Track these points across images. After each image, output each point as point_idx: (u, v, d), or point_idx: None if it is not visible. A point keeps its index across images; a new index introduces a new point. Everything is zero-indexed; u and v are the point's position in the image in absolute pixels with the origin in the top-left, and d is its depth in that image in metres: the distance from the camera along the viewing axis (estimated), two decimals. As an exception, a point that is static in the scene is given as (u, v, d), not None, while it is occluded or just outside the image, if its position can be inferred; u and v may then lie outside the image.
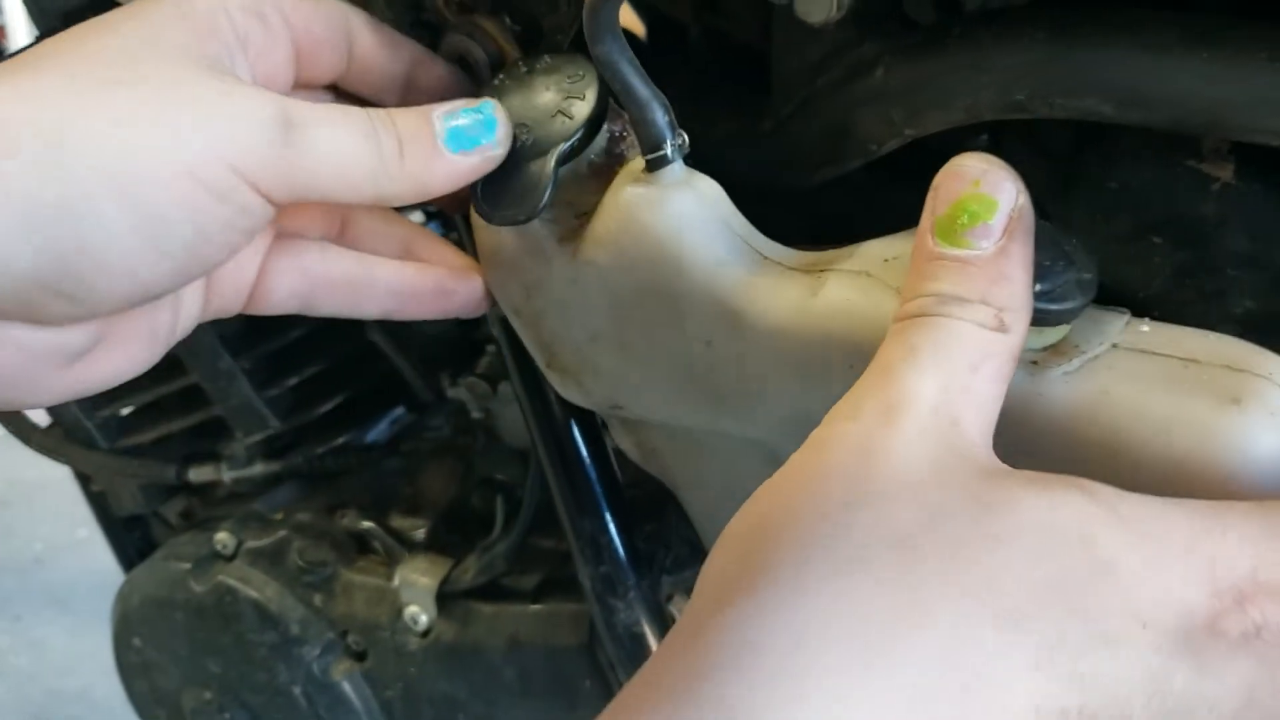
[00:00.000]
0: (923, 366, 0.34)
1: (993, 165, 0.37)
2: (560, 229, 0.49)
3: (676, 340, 0.48)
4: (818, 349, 0.44)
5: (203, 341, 0.80)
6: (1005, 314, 0.35)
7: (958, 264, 0.35)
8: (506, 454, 0.84)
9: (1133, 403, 0.37)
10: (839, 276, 0.44)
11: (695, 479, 0.58)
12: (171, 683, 0.91)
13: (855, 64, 0.48)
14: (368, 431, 0.91)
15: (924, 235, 0.37)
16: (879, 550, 0.30)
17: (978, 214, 0.36)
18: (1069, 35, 0.42)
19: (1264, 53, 0.39)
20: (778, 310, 0.45)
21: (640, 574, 0.70)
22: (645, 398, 0.52)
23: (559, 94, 0.48)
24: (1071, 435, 0.38)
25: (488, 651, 0.78)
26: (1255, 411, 0.35)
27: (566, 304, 0.51)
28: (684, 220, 0.45)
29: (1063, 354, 0.39)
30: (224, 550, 0.86)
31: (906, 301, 0.36)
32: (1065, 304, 0.38)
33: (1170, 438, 0.36)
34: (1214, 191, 0.44)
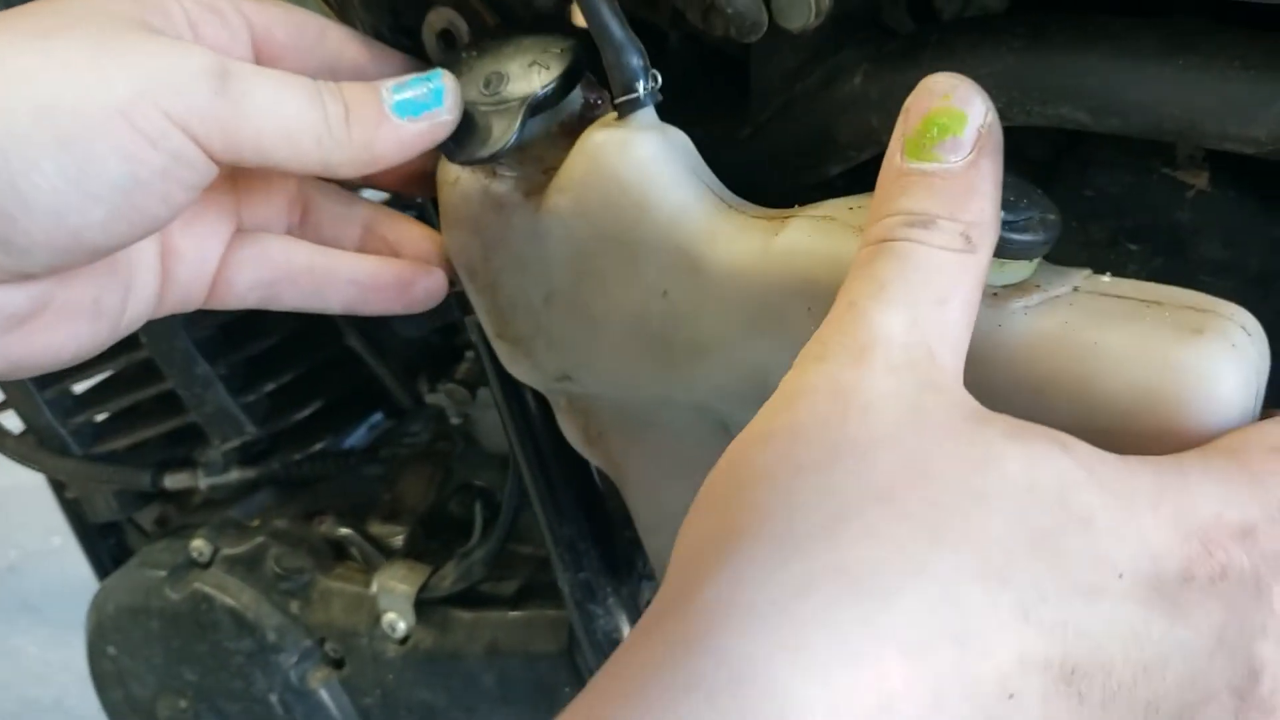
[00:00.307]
0: (890, 301, 0.33)
1: (962, 81, 0.36)
2: (526, 184, 0.49)
3: (633, 293, 0.48)
4: (775, 292, 0.43)
5: (178, 347, 0.79)
6: (973, 230, 0.34)
7: (925, 179, 0.35)
8: (485, 460, 0.84)
9: (1094, 334, 0.36)
10: (801, 220, 0.43)
11: (642, 465, 0.57)
12: (147, 691, 0.90)
13: (833, 71, 0.48)
14: (345, 437, 0.90)
15: (891, 155, 0.36)
16: (866, 504, 0.30)
17: (947, 127, 0.35)
18: (1045, 43, 0.42)
19: (1238, 60, 0.39)
20: (737, 254, 0.44)
21: (619, 580, 0.70)
22: (597, 364, 0.52)
23: (539, 50, 0.49)
24: (1031, 367, 0.37)
25: (466, 658, 0.78)
26: (1216, 342, 0.35)
27: (524, 261, 0.51)
28: (650, 163, 0.45)
29: (1024, 292, 0.38)
30: (200, 557, 0.86)
31: (873, 224, 0.36)
32: (1030, 236, 0.37)
33: (1131, 368, 0.35)
34: (1189, 199, 0.45)
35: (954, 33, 0.45)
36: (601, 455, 0.59)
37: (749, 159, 0.53)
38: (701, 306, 0.46)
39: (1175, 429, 0.34)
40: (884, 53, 0.47)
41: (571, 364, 0.53)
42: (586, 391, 0.55)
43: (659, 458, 0.56)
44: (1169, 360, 0.35)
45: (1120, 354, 0.36)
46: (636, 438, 0.56)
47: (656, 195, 0.46)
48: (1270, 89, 0.38)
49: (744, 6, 0.44)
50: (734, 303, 0.45)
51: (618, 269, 0.48)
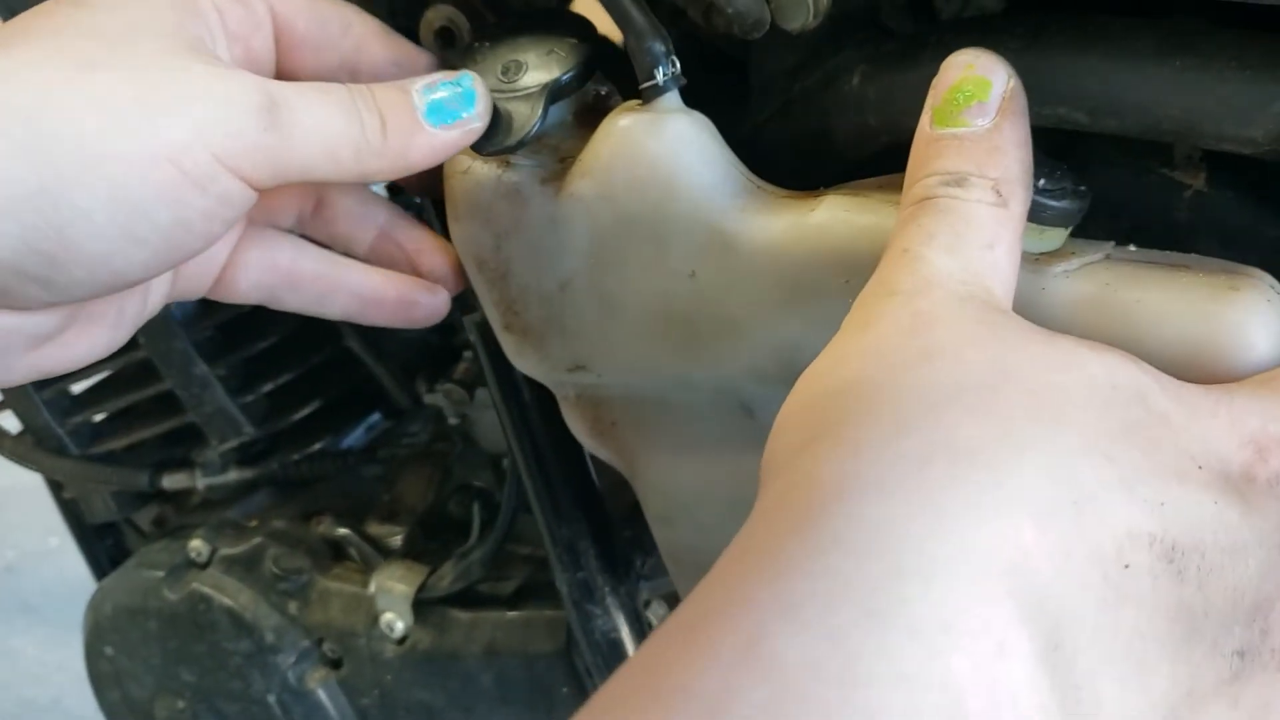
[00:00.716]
0: (942, 247, 0.35)
1: (984, 52, 0.39)
2: (542, 172, 0.50)
3: (657, 275, 0.48)
4: (812, 265, 0.44)
5: (176, 347, 0.79)
6: (1002, 185, 0.36)
7: (955, 141, 0.37)
8: (483, 460, 0.84)
9: (1135, 294, 0.38)
10: (835, 197, 0.44)
11: (655, 449, 0.57)
12: (144, 692, 0.90)
13: (832, 71, 0.48)
14: (344, 438, 0.90)
15: (922, 126, 0.38)
16: (965, 393, 0.31)
17: (972, 94, 0.38)
18: (1043, 44, 0.42)
19: (1236, 61, 0.39)
20: (771, 230, 0.45)
21: (618, 580, 0.70)
22: (614, 350, 0.52)
23: (554, 34, 0.49)
24: (1076, 326, 0.39)
25: (465, 658, 0.78)
26: (1252, 296, 0.37)
27: (540, 249, 0.51)
28: (680, 143, 0.46)
29: (1061, 257, 0.40)
30: (198, 558, 0.86)
31: (909, 188, 0.38)
32: (1065, 203, 0.39)
33: (1172, 322, 0.37)
34: (1186, 199, 0.45)
35: (953, 33, 0.45)
36: (612, 446, 0.59)
37: (747, 159, 0.53)
38: (731, 285, 0.47)
39: (1216, 377, 0.36)
40: (883, 53, 0.47)
41: (587, 352, 0.53)
42: (600, 380, 0.54)
43: (675, 443, 0.56)
44: (1210, 313, 0.37)
45: (1162, 310, 0.38)
46: (651, 425, 0.56)
47: (686, 175, 0.46)
48: (1268, 89, 0.39)
49: (745, 5, 0.45)
50: (767, 279, 0.46)
51: (642, 252, 0.48)
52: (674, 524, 0.61)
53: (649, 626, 0.73)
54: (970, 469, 0.29)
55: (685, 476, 0.57)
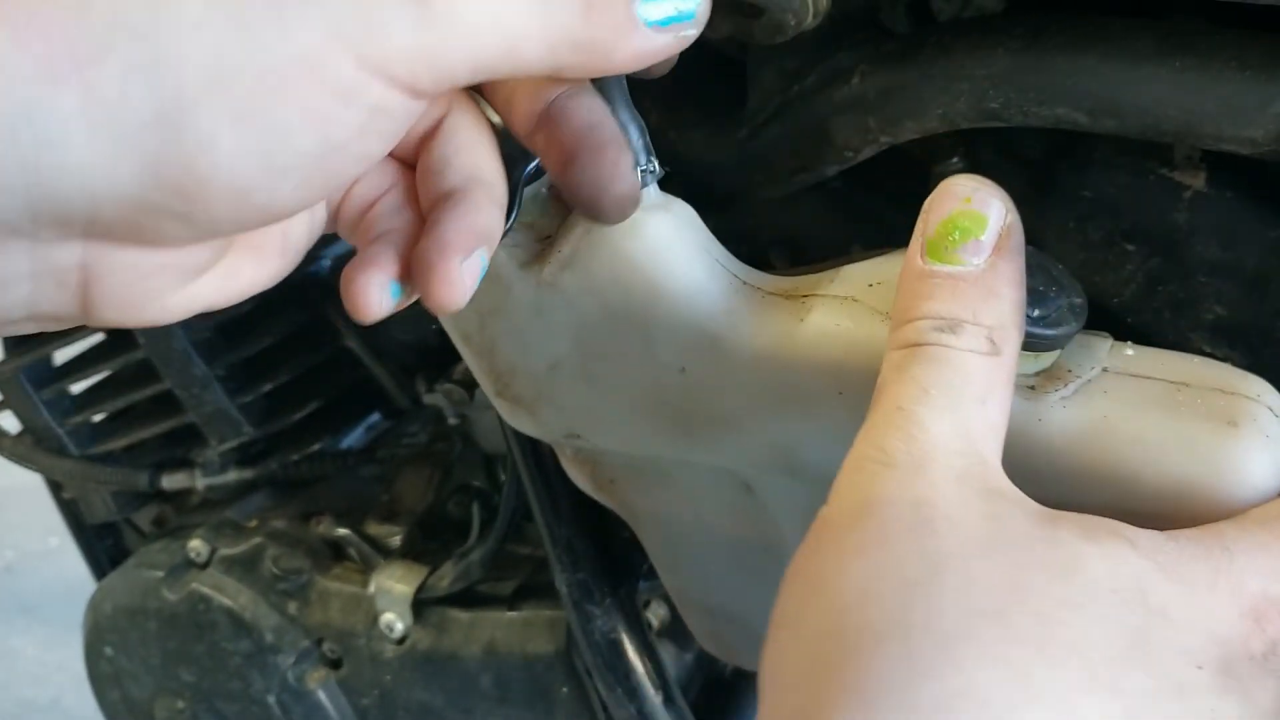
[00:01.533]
0: (937, 406, 0.34)
1: (983, 184, 0.37)
2: (522, 253, 0.47)
3: (647, 368, 0.47)
4: (805, 376, 0.43)
5: (176, 348, 0.79)
6: (995, 333, 0.35)
7: (949, 281, 0.36)
8: (483, 460, 0.84)
9: (1132, 428, 0.38)
10: (825, 302, 0.43)
11: (656, 510, 0.57)
12: (144, 692, 0.90)
13: (831, 72, 0.48)
14: (343, 438, 0.90)
15: (913, 256, 0.37)
16: (976, 624, 0.31)
17: (969, 230, 0.36)
18: (1042, 44, 0.42)
19: (1235, 62, 0.39)
20: (761, 337, 0.44)
21: (617, 580, 0.70)
22: (608, 428, 0.51)
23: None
24: (1073, 460, 0.38)
25: (464, 659, 0.78)
26: (1251, 434, 0.37)
27: (525, 332, 0.49)
28: (660, 244, 0.44)
29: (1057, 379, 0.40)
30: (197, 558, 0.86)
31: (900, 325, 0.36)
32: (1060, 329, 0.38)
33: (1170, 461, 0.37)
34: (1186, 199, 0.45)
35: (952, 34, 0.45)
36: (613, 500, 0.58)
37: (747, 159, 0.53)
38: (722, 384, 0.45)
39: (1212, 513, 0.36)
40: (881, 54, 0.47)
41: (579, 426, 0.52)
42: (595, 448, 0.54)
43: (674, 504, 0.56)
44: (1208, 454, 0.37)
45: (1159, 447, 0.37)
46: (650, 489, 0.56)
47: (669, 277, 0.44)
48: (1267, 90, 0.38)
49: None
50: (759, 384, 0.45)
51: (629, 344, 0.46)
52: (677, 571, 0.61)
53: (648, 626, 0.72)
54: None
55: (685, 533, 0.57)
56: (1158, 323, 0.47)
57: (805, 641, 0.33)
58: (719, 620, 0.62)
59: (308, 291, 0.86)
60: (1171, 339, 0.48)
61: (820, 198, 0.57)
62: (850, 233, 0.58)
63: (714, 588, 0.60)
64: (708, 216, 0.61)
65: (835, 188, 0.57)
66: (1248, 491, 0.36)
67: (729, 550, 0.56)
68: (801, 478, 0.47)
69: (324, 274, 0.87)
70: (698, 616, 0.63)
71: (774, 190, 0.53)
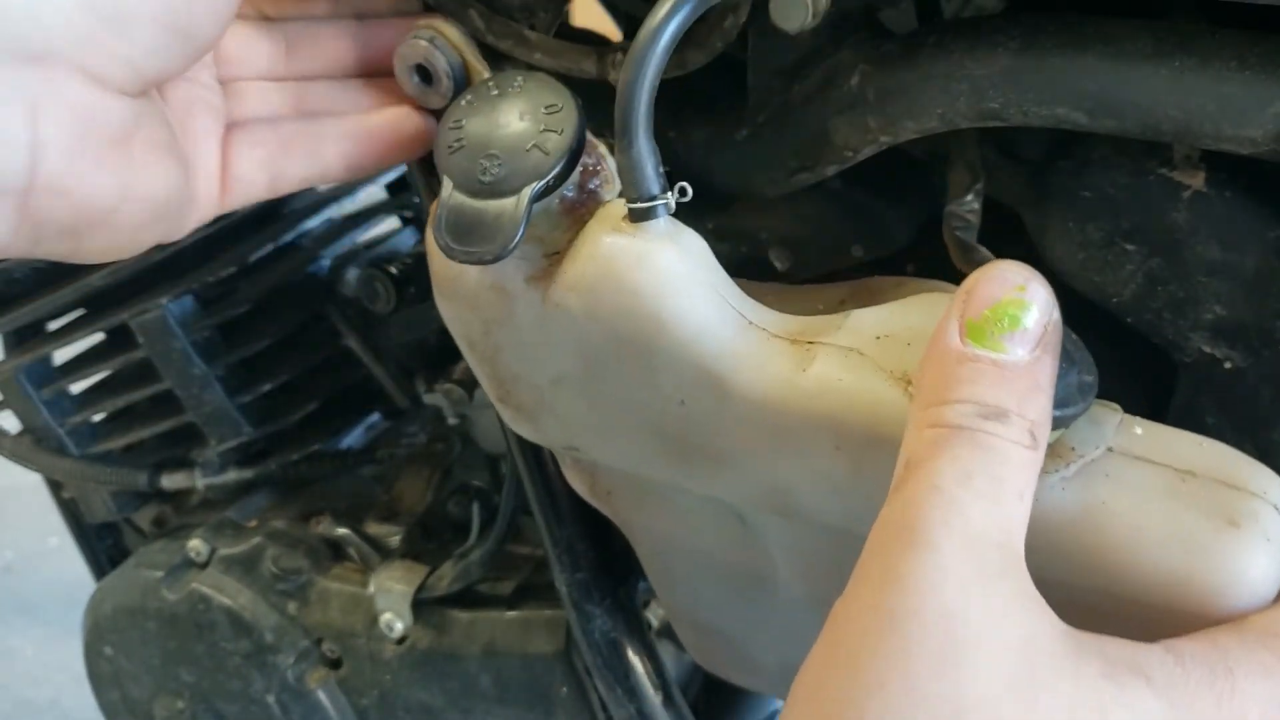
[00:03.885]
0: (982, 494, 0.34)
1: (1033, 275, 0.37)
2: (528, 267, 0.47)
3: (648, 395, 0.46)
4: (804, 427, 0.43)
5: (175, 347, 0.79)
6: (1036, 428, 0.35)
7: (994, 369, 0.35)
8: (483, 460, 0.84)
9: (1131, 518, 0.37)
10: (829, 352, 0.42)
11: (651, 526, 0.57)
12: (144, 692, 0.90)
13: (831, 71, 0.48)
14: (343, 438, 0.90)
15: (949, 334, 0.36)
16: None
17: (1017, 319, 0.36)
18: (1042, 44, 0.42)
19: (1235, 61, 0.39)
20: (763, 383, 0.43)
21: (617, 580, 0.70)
22: (607, 445, 0.51)
23: (534, 123, 0.45)
24: (1069, 545, 0.38)
25: (464, 659, 0.78)
26: (1252, 536, 0.36)
27: (529, 345, 0.49)
28: (667, 278, 0.43)
29: (1059, 457, 0.39)
30: (197, 558, 0.86)
31: (936, 404, 0.35)
32: (1068, 410, 0.38)
33: (1168, 557, 0.37)
34: (1185, 199, 0.45)
35: (951, 34, 0.45)
36: (609, 510, 0.58)
37: (747, 160, 0.53)
38: (721, 422, 0.45)
39: (1210, 613, 0.36)
40: (881, 53, 0.47)
41: (579, 440, 0.52)
42: (595, 460, 0.54)
43: (669, 527, 0.55)
44: (1206, 553, 0.36)
45: (1158, 540, 0.37)
46: (646, 505, 0.55)
47: (674, 312, 0.43)
48: (1266, 89, 0.38)
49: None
50: (757, 427, 0.44)
51: (632, 371, 0.46)
52: (669, 586, 0.61)
53: (648, 626, 0.72)
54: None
55: (678, 551, 0.57)
56: (1158, 323, 0.47)
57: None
58: (708, 636, 0.62)
59: (308, 291, 0.86)
60: (1171, 338, 0.48)
61: (820, 198, 0.57)
62: (850, 233, 0.58)
63: (704, 606, 0.60)
64: (708, 216, 0.62)
65: (835, 188, 0.57)
66: (1246, 595, 0.36)
67: (720, 573, 0.55)
68: (795, 520, 0.47)
69: (324, 274, 0.87)
70: (687, 630, 0.63)
71: (774, 190, 0.53)
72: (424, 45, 0.50)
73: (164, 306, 0.78)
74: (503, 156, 0.45)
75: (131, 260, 0.78)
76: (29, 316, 0.82)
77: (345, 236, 0.89)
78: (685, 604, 0.61)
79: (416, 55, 0.50)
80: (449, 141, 0.46)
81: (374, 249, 0.90)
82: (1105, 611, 0.38)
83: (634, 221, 0.43)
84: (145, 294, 0.80)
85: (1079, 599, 0.38)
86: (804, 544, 0.49)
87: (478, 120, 0.46)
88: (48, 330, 0.86)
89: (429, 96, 0.50)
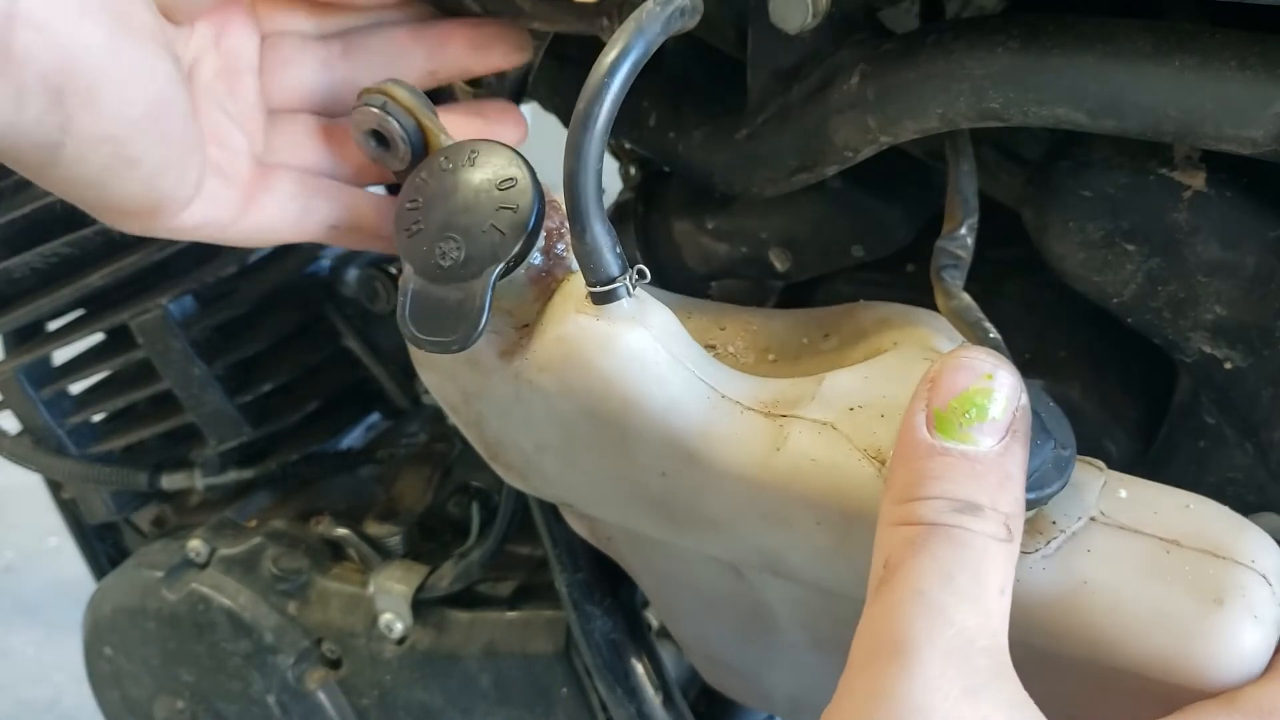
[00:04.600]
0: (965, 596, 0.33)
1: (1001, 361, 0.36)
2: (501, 341, 0.47)
3: (629, 466, 0.46)
4: (782, 503, 0.42)
5: (175, 347, 0.79)
6: (1011, 521, 0.34)
7: (964, 462, 0.35)
8: (482, 461, 0.84)
9: (1114, 598, 0.37)
10: (802, 428, 0.42)
11: (653, 570, 0.57)
12: (143, 692, 0.90)
13: (831, 71, 0.48)
14: (342, 438, 0.90)
15: (916, 427, 0.36)
16: None
17: (984, 409, 0.35)
18: (1042, 44, 0.42)
19: (1235, 61, 0.39)
20: (739, 461, 0.43)
21: (617, 580, 0.70)
22: (597, 507, 0.51)
23: (489, 202, 0.44)
24: (1052, 623, 0.37)
25: (464, 659, 0.78)
26: (1237, 615, 0.35)
27: (509, 414, 0.48)
28: (633, 361, 0.43)
29: (1040, 532, 0.38)
30: (197, 558, 0.85)
31: (907, 500, 0.35)
32: (1046, 489, 0.37)
33: (1152, 637, 0.36)
34: (1186, 199, 0.45)
35: (951, 34, 0.45)
36: (612, 553, 0.58)
37: (747, 159, 0.53)
38: (704, 492, 0.45)
39: (1199, 689, 0.35)
40: (881, 53, 0.47)
41: (570, 500, 0.52)
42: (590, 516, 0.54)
43: (670, 573, 0.55)
44: (1190, 633, 0.35)
45: (1139, 621, 0.36)
46: (645, 553, 0.55)
47: (643, 393, 0.43)
48: (1266, 89, 0.38)
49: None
50: (738, 499, 0.44)
51: (610, 445, 0.46)
52: (676, 623, 0.61)
53: (648, 627, 0.72)
54: None
55: (681, 595, 0.57)
56: (1158, 322, 0.47)
57: None
58: (719, 666, 0.62)
59: (308, 291, 0.86)
60: (1171, 338, 0.48)
61: (820, 198, 0.57)
62: (850, 233, 0.58)
63: (710, 642, 0.60)
64: (708, 216, 0.62)
65: (835, 188, 0.57)
66: (1233, 672, 0.35)
67: (724, 615, 0.55)
68: (788, 579, 0.47)
69: (324, 274, 0.87)
70: (700, 660, 0.63)
71: (774, 190, 0.53)
72: (376, 112, 0.48)
73: (164, 306, 0.78)
74: (460, 239, 0.44)
75: (132, 260, 0.78)
76: (29, 316, 0.82)
77: (345, 236, 0.89)
78: (693, 640, 0.61)
79: (369, 121, 0.49)
80: (406, 224, 0.46)
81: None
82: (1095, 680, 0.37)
83: (596, 304, 0.43)
84: (145, 294, 0.79)
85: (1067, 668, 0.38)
86: (800, 599, 0.49)
87: (433, 199, 0.46)
88: (48, 330, 0.86)
89: (387, 160, 0.49)
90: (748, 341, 0.49)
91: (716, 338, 0.48)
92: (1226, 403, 0.49)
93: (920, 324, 0.46)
